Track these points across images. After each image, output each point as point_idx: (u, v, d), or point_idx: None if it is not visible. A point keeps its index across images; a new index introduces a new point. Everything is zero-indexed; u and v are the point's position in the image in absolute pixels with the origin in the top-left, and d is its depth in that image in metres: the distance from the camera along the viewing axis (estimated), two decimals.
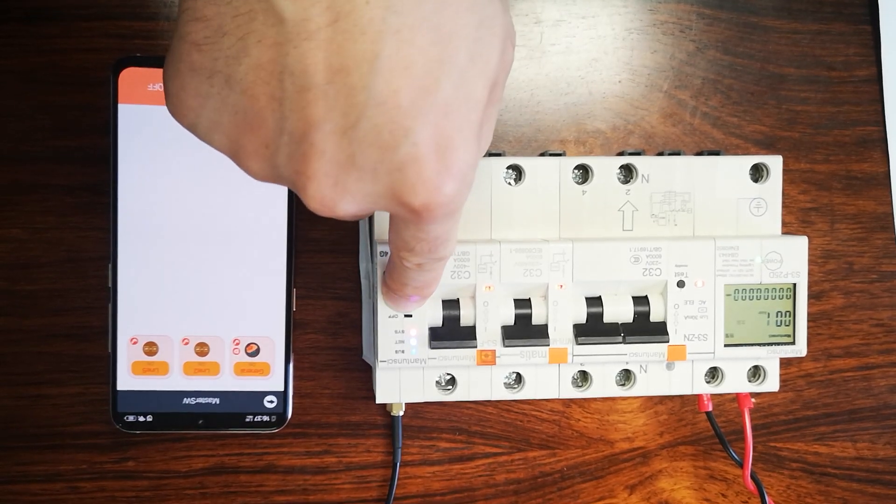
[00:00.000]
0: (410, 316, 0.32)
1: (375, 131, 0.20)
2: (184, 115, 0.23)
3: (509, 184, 0.34)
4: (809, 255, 0.34)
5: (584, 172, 0.34)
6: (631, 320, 0.34)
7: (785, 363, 0.42)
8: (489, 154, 0.34)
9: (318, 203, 0.22)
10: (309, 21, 0.19)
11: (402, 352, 0.33)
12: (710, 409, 0.37)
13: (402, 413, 0.39)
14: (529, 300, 0.33)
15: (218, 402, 0.38)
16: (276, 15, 0.20)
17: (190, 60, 0.21)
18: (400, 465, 0.40)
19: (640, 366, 0.35)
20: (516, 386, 0.35)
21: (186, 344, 0.38)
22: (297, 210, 0.38)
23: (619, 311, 0.34)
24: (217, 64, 0.21)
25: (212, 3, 0.21)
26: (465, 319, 0.33)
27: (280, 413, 0.38)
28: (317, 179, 0.21)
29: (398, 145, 0.21)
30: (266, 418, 0.38)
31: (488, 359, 0.33)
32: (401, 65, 0.20)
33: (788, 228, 0.42)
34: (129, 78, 0.37)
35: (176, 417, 0.38)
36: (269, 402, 0.38)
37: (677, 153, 0.35)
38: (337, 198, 0.22)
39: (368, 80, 0.20)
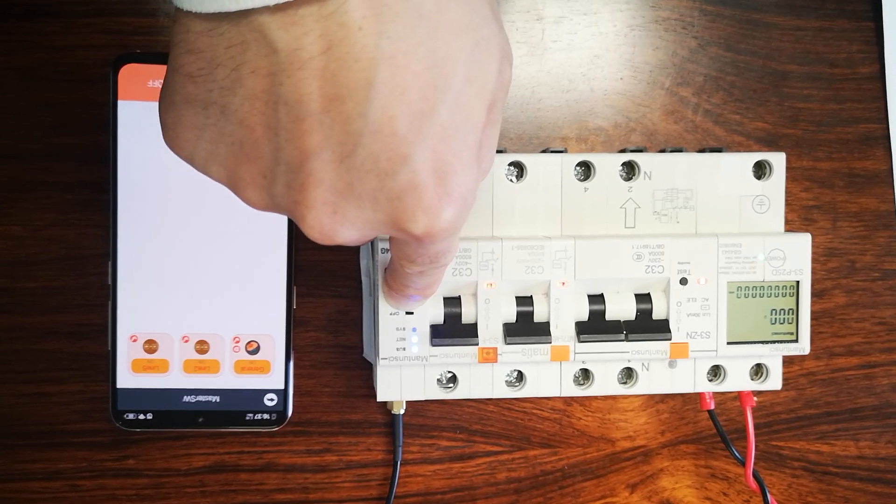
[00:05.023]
0: (412, 313, 0.32)
1: (373, 159, 0.20)
2: (181, 147, 0.23)
3: (511, 181, 0.34)
4: (812, 252, 0.34)
5: (586, 169, 0.34)
6: (633, 318, 0.34)
7: (787, 362, 0.42)
8: None
9: (317, 232, 0.22)
10: (302, 50, 0.19)
11: (404, 349, 0.32)
12: (713, 407, 0.37)
13: (402, 411, 0.39)
14: (531, 297, 0.33)
15: (218, 400, 0.38)
16: (269, 45, 0.20)
17: (184, 92, 0.21)
18: (400, 464, 0.40)
19: (643, 364, 0.34)
20: (518, 384, 0.34)
21: (186, 342, 0.38)
22: None
23: (621, 308, 0.33)
24: (212, 95, 0.21)
25: (204, 34, 0.20)
26: (467, 317, 0.33)
27: (280, 411, 0.38)
28: (315, 208, 0.21)
29: (396, 172, 0.20)
30: (266, 416, 0.38)
31: (490, 356, 0.33)
32: (396, 91, 0.19)
33: (791, 226, 0.42)
34: (129, 74, 0.37)
35: (176, 415, 0.38)
36: (270, 400, 0.38)
37: (679, 150, 0.35)
38: (336, 226, 0.22)
39: (364, 108, 0.20)
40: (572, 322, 0.33)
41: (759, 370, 0.35)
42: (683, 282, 0.33)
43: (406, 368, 0.34)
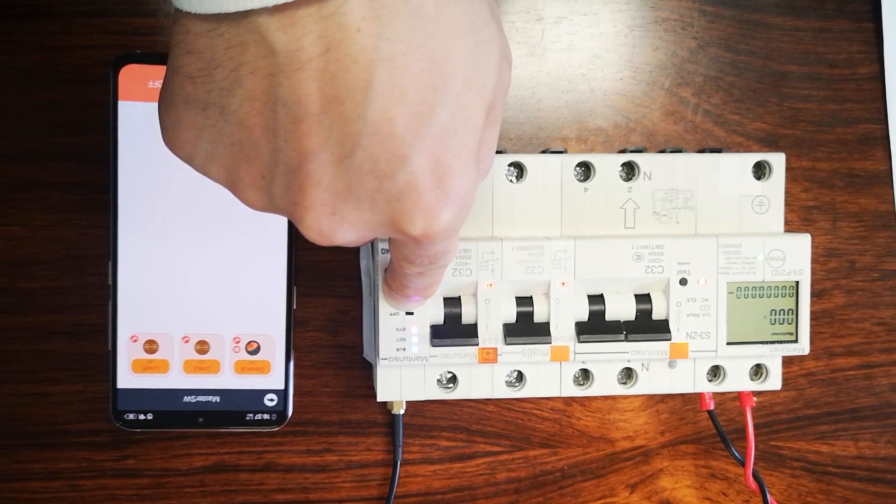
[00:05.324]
0: (412, 314, 0.32)
1: (372, 160, 0.20)
2: (180, 147, 0.23)
3: (511, 181, 0.34)
4: (811, 253, 0.34)
5: (585, 170, 0.34)
6: (633, 318, 0.34)
7: (786, 362, 0.42)
8: None
9: (315, 233, 0.22)
10: (301, 51, 0.19)
11: (404, 349, 0.32)
12: (712, 407, 0.37)
13: (402, 411, 0.39)
14: (531, 298, 0.33)
15: (218, 401, 0.38)
16: (268, 46, 0.20)
17: (184, 93, 0.21)
18: (400, 464, 0.40)
19: (642, 364, 0.34)
20: (517, 384, 0.34)
21: (187, 342, 0.38)
22: None
23: (621, 308, 0.33)
24: (211, 96, 0.21)
25: (204, 35, 0.20)
26: (467, 317, 0.33)
27: (280, 411, 0.38)
28: (314, 209, 0.21)
29: (395, 174, 0.20)
30: (266, 416, 0.38)
31: (490, 357, 0.33)
32: (395, 92, 0.20)
33: (790, 226, 0.42)
34: (129, 75, 0.37)
35: (176, 415, 0.38)
36: (270, 401, 0.38)
37: (679, 151, 0.35)
38: (335, 227, 0.22)
39: (363, 109, 0.20)
40: (572, 322, 0.33)
41: (758, 370, 0.35)
42: (683, 282, 0.33)
43: (406, 368, 0.34)
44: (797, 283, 0.34)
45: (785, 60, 0.42)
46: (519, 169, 0.34)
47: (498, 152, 0.34)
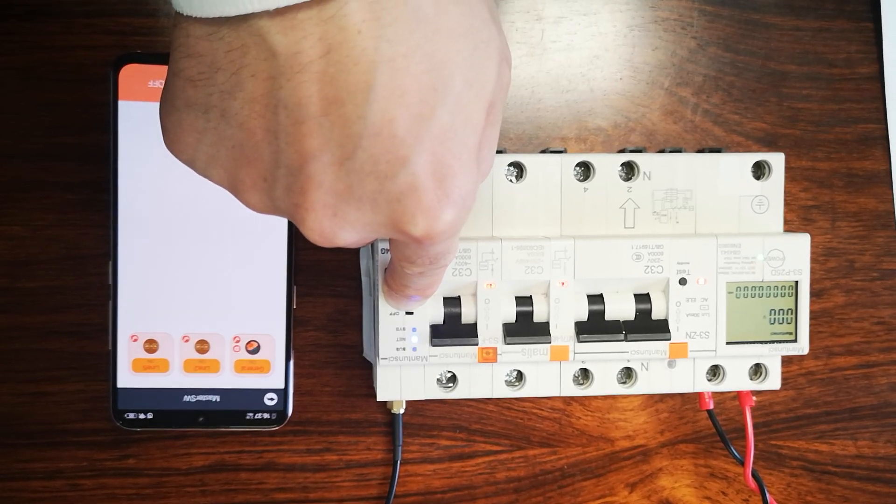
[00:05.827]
0: (412, 313, 0.32)
1: (373, 161, 0.20)
2: (181, 150, 0.23)
3: (511, 181, 0.34)
4: (811, 252, 0.34)
5: (585, 170, 0.34)
6: (632, 318, 0.34)
7: (786, 361, 0.42)
8: None
9: (317, 234, 0.22)
10: (301, 54, 0.19)
11: (404, 349, 0.32)
12: (712, 406, 0.37)
13: (402, 411, 0.39)
14: (531, 297, 0.33)
15: (218, 400, 0.38)
16: (269, 49, 0.20)
17: (185, 96, 0.22)
18: (400, 463, 0.40)
19: (642, 363, 0.35)
20: (517, 384, 0.35)
21: (187, 341, 0.38)
22: None
23: (620, 308, 0.33)
24: (212, 99, 0.21)
25: (204, 39, 0.21)
26: (467, 317, 0.33)
27: (280, 410, 0.38)
28: (315, 211, 0.21)
29: (396, 175, 0.20)
30: (266, 416, 0.38)
31: (489, 356, 0.33)
32: (395, 94, 0.20)
33: (789, 226, 0.42)
34: (130, 74, 0.37)
35: (176, 415, 0.38)
36: (270, 400, 0.38)
37: (679, 150, 0.35)
38: (336, 228, 0.22)
39: (363, 110, 0.20)
40: (572, 322, 0.33)
41: (758, 370, 0.35)
42: (683, 282, 0.33)
43: (406, 368, 0.34)
44: (796, 282, 0.34)
45: (784, 60, 0.42)
46: (519, 169, 0.34)
47: (498, 152, 0.34)
